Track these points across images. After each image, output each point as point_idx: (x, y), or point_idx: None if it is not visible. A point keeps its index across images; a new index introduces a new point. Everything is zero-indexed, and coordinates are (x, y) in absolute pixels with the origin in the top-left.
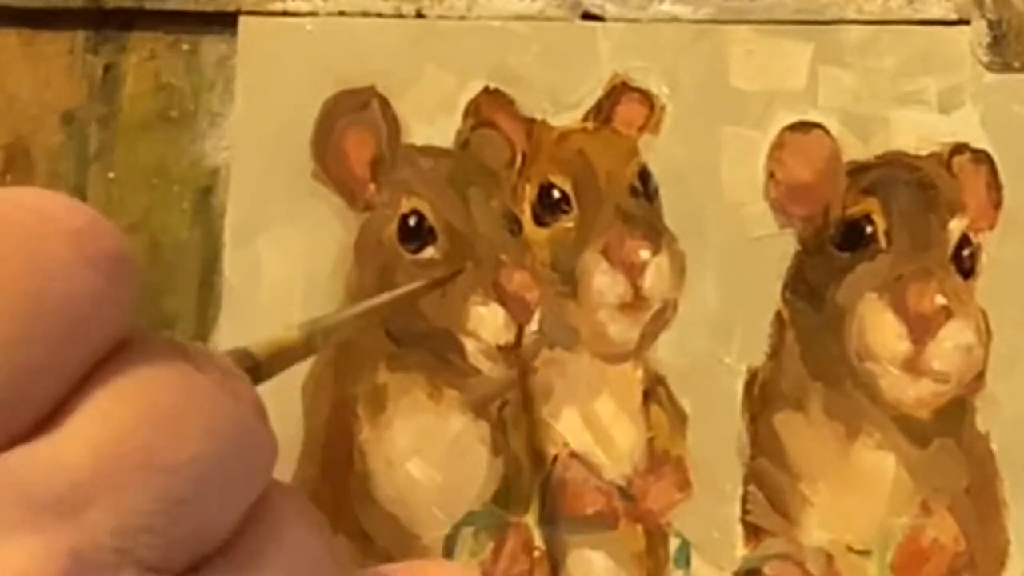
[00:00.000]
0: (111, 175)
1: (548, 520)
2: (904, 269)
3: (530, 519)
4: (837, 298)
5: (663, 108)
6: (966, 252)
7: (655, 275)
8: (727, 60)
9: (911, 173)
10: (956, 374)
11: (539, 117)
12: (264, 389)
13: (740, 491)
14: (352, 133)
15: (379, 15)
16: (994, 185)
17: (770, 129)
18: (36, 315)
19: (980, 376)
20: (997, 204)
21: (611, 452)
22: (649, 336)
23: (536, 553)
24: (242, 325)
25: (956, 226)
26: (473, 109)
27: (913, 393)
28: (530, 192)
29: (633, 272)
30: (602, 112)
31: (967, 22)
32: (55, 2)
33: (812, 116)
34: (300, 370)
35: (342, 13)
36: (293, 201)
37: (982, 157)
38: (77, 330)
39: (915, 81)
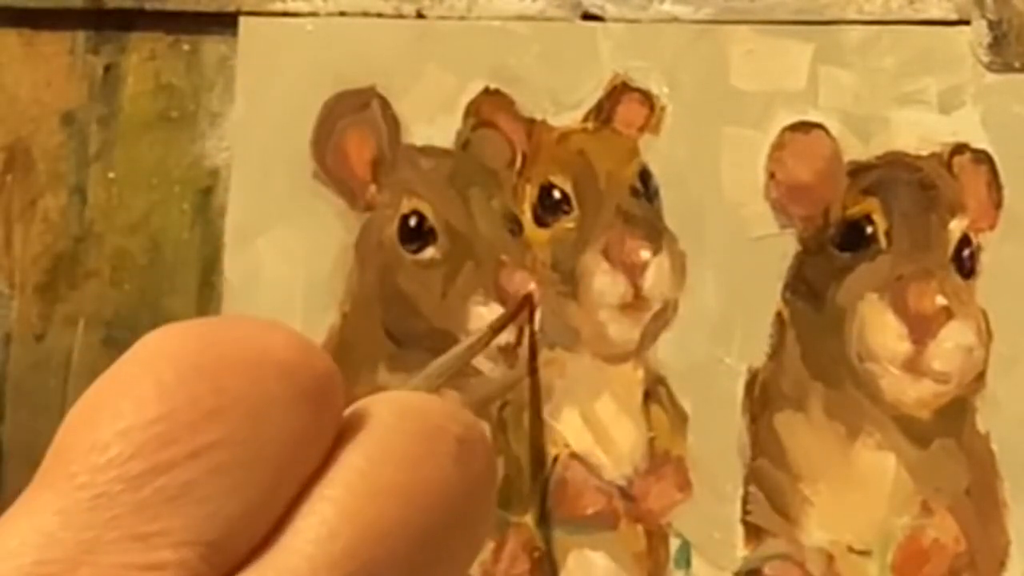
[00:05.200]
0: (111, 175)
1: (548, 520)
2: (904, 269)
3: (530, 519)
4: (837, 298)
5: (663, 108)
6: (966, 252)
7: (655, 275)
8: (727, 60)
9: (911, 173)
10: (956, 374)
11: (539, 117)
12: None
13: (740, 491)
14: (352, 133)
15: (379, 15)
16: (994, 185)
17: (770, 129)
18: (254, 461)
19: (980, 376)
20: (997, 204)
21: (611, 452)
22: (649, 336)
23: (536, 553)
24: None
25: (956, 226)
26: (473, 109)
27: (913, 393)
28: (530, 192)
29: (633, 272)
30: (602, 112)
31: (967, 22)
32: (55, 2)
33: (812, 116)
34: None
35: (342, 13)
36: (293, 201)
37: (982, 157)
38: (292, 465)
39: (915, 81)
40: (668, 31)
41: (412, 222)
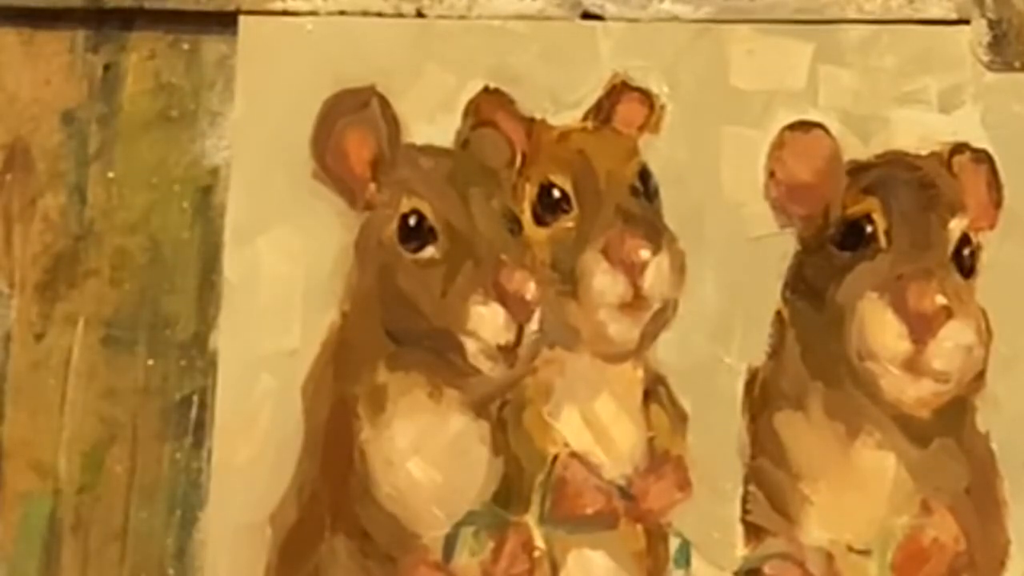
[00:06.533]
0: (111, 175)
1: (548, 520)
2: (904, 269)
3: (530, 519)
4: (837, 298)
5: (663, 108)
6: (966, 251)
7: (655, 275)
8: (727, 60)
9: (911, 173)
10: (956, 374)
11: (539, 117)
12: (264, 389)
13: (740, 491)
14: (352, 133)
15: (379, 15)
16: (994, 185)
17: (770, 129)
18: None
19: (980, 376)
20: (997, 204)
21: (611, 452)
22: (649, 336)
23: (536, 553)
24: (242, 325)
25: (956, 226)
26: (473, 109)
27: (913, 393)
28: (530, 192)
29: (633, 272)
30: (602, 111)
31: (967, 22)
32: (55, 2)
33: (812, 116)
34: (300, 370)
35: (342, 13)
36: (293, 201)
37: (982, 157)
38: None
39: (915, 81)
40: (668, 30)
41: (412, 221)
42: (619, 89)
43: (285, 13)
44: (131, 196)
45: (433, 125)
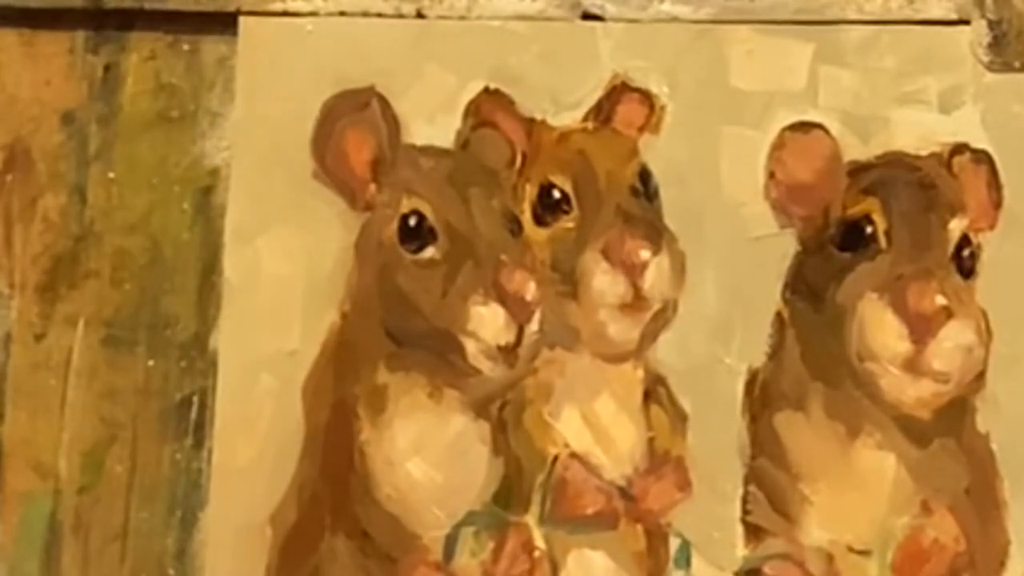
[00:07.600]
0: (111, 175)
1: (548, 520)
2: (904, 269)
3: (530, 519)
4: (837, 298)
5: (663, 108)
6: (966, 252)
7: (655, 275)
8: (727, 60)
9: (911, 173)
10: (956, 374)
11: (539, 117)
12: (264, 389)
13: (740, 491)
14: (352, 133)
15: (379, 15)
16: (994, 185)
17: (770, 129)
18: None
19: (980, 376)
20: (997, 204)
21: (611, 452)
22: (649, 336)
23: (536, 553)
24: (242, 325)
25: (956, 226)
26: (473, 109)
27: (913, 393)
28: (530, 192)
29: (633, 272)
30: (602, 112)
31: (967, 22)
32: (55, 2)
33: (812, 116)
34: (300, 370)
35: (342, 13)
36: (293, 201)
37: (982, 157)
38: None
39: (915, 81)
40: (668, 31)
41: (412, 222)
42: (619, 89)
43: (285, 14)
44: (131, 196)
45: (433, 125)
